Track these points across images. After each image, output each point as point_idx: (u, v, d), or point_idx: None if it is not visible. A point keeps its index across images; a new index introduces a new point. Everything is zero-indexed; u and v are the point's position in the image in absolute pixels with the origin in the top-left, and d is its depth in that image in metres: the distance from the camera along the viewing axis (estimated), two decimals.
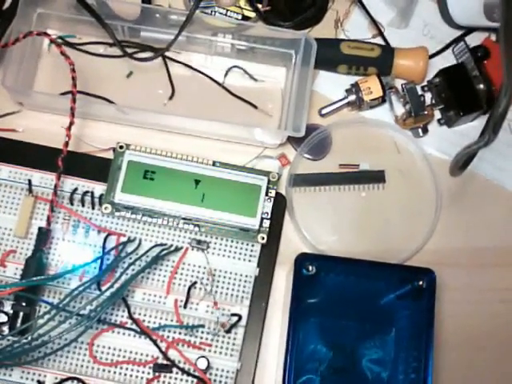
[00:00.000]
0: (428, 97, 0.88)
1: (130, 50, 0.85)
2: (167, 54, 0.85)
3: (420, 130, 0.87)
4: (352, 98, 0.87)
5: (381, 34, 0.90)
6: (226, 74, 0.87)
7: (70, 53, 0.78)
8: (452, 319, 0.82)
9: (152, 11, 0.84)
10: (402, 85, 0.86)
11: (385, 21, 0.91)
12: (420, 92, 0.87)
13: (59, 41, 0.82)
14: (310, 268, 0.74)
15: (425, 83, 0.89)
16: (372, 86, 0.86)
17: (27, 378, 0.75)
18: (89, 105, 0.82)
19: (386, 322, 0.75)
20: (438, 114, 0.88)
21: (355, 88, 0.87)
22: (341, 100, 0.88)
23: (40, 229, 0.77)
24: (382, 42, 0.90)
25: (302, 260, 0.75)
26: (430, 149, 0.87)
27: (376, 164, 0.85)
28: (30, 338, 0.71)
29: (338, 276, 0.76)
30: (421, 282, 0.75)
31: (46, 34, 0.79)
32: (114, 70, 0.86)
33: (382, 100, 0.87)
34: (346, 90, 0.87)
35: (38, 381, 0.75)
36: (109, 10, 0.83)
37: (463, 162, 0.72)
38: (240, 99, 0.87)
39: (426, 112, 0.86)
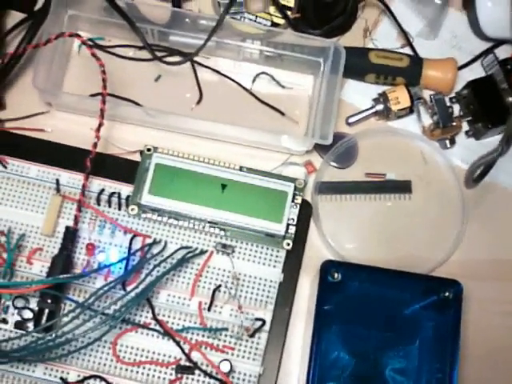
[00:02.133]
0: (456, 108, 0.87)
1: (158, 54, 0.85)
2: (196, 58, 0.85)
3: (447, 142, 0.87)
4: (380, 107, 0.87)
5: (409, 44, 0.90)
6: (253, 80, 0.88)
7: (99, 55, 0.78)
8: (477, 331, 0.81)
9: (182, 15, 0.84)
10: (430, 96, 0.86)
11: (413, 31, 0.91)
12: (448, 103, 0.86)
13: (89, 43, 0.82)
14: (336, 275, 0.74)
15: (453, 94, 0.88)
16: (400, 96, 0.86)
17: (50, 375, 0.75)
18: (117, 107, 0.82)
19: (410, 332, 0.75)
20: (465, 126, 0.88)
21: (383, 97, 0.86)
22: (368, 109, 0.87)
23: (67, 228, 0.77)
24: (410, 52, 0.90)
25: (327, 267, 0.74)
26: (457, 160, 0.87)
27: (402, 174, 0.85)
28: (54, 335, 0.71)
29: (363, 284, 0.75)
30: (447, 294, 0.74)
31: (77, 36, 0.79)
32: (142, 73, 0.87)
33: (410, 110, 0.87)
34: (374, 100, 0.87)
35: (61, 377, 0.75)
36: (139, 13, 0.84)
37: (478, 174, 0.72)
38: (267, 105, 0.87)
39: (453, 123, 0.85)
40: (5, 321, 0.75)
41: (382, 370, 0.74)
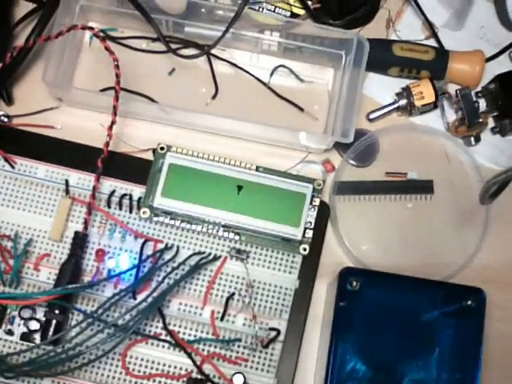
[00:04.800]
0: (482, 103, 0.84)
1: (173, 46, 0.82)
2: (211, 50, 0.82)
3: (472, 139, 0.84)
4: (403, 102, 0.83)
5: (434, 35, 0.86)
6: (271, 74, 0.84)
7: (111, 47, 0.75)
8: (499, 339, 0.78)
9: (198, 6, 0.81)
10: (456, 90, 0.82)
11: (439, 22, 0.87)
12: (474, 98, 0.83)
13: (102, 35, 0.79)
14: (355, 284, 0.71)
15: (479, 89, 0.85)
16: (424, 91, 0.83)
17: None
18: (129, 103, 0.79)
19: (430, 341, 0.72)
20: (491, 122, 0.85)
21: (406, 92, 0.83)
22: (390, 104, 0.84)
23: (77, 233, 0.74)
24: (434, 44, 0.86)
25: (346, 275, 0.72)
26: (481, 159, 0.84)
27: (424, 173, 0.82)
28: (61, 347, 0.70)
29: (382, 292, 0.73)
30: (469, 302, 0.72)
31: (90, 28, 0.76)
32: (155, 67, 0.84)
33: (434, 106, 0.83)
34: (397, 94, 0.84)
35: None
36: (153, 4, 0.80)
37: (494, 190, 0.69)
38: (285, 100, 0.84)
39: (480, 120, 0.82)
40: (11, 332, 0.73)
41: (401, 380, 0.72)
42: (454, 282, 0.76)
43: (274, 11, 0.84)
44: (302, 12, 0.85)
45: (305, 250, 0.76)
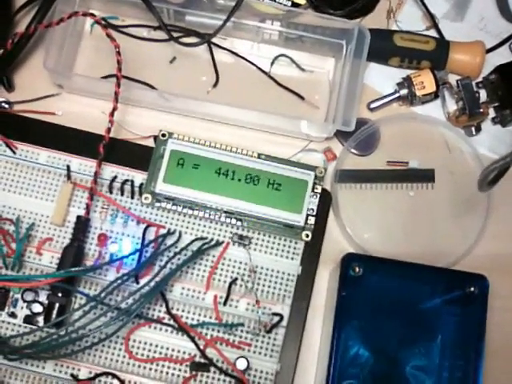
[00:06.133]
0: (482, 94, 0.84)
1: (174, 35, 0.82)
2: (212, 39, 0.82)
3: (473, 129, 0.84)
4: (403, 92, 0.83)
5: (435, 26, 0.86)
6: (272, 63, 0.84)
7: (113, 35, 0.75)
8: (500, 327, 0.78)
9: None
10: (456, 80, 0.83)
11: (439, 12, 0.87)
12: (475, 88, 0.83)
13: (103, 22, 0.79)
14: (357, 269, 0.71)
15: (479, 79, 0.85)
16: (425, 81, 0.83)
17: (60, 371, 0.73)
18: (130, 90, 0.79)
19: (432, 327, 0.72)
20: (492, 113, 0.85)
21: (407, 82, 0.83)
22: (391, 94, 0.84)
23: (79, 217, 0.74)
24: (435, 35, 0.86)
25: (349, 260, 0.72)
26: (482, 148, 0.84)
27: (425, 162, 0.82)
28: (65, 330, 0.69)
29: (385, 278, 0.73)
30: (472, 289, 0.71)
31: (91, 15, 0.76)
32: (156, 55, 0.84)
33: (435, 96, 0.83)
34: (398, 84, 0.84)
35: (72, 374, 0.73)
36: None
37: (492, 177, 0.69)
38: (286, 89, 0.84)
39: (481, 110, 0.82)
40: (14, 315, 0.73)
41: (403, 367, 0.71)
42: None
43: (275, 0, 0.84)
44: (303, 1, 0.84)
45: (307, 236, 0.76)
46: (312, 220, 0.76)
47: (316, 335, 0.77)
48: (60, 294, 0.71)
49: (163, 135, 0.77)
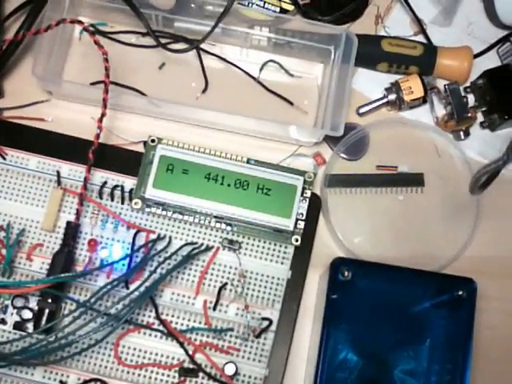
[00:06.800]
0: (470, 99, 0.84)
1: (163, 41, 0.82)
2: (201, 45, 0.82)
3: (461, 133, 0.84)
4: (392, 97, 0.84)
5: (423, 31, 0.87)
6: (261, 69, 0.85)
7: (101, 41, 0.75)
8: (489, 331, 0.79)
9: (187, 1, 0.81)
10: (444, 85, 0.83)
11: (427, 18, 0.88)
12: (463, 93, 0.83)
13: (92, 29, 0.79)
14: (346, 273, 0.71)
15: (467, 84, 0.85)
16: (413, 86, 0.83)
17: (49, 378, 0.73)
18: (119, 96, 0.79)
19: (421, 331, 0.72)
20: (480, 117, 0.85)
21: (395, 87, 0.84)
22: (380, 99, 0.85)
23: (69, 223, 0.74)
24: (423, 40, 0.87)
25: (338, 264, 0.72)
26: (471, 153, 0.84)
27: (415, 167, 0.82)
28: (54, 336, 0.69)
29: (374, 282, 0.73)
30: (460, 292, 0.72)
31: (79, 22, 0.76)
32: (145, 61, 0.84)
33: (423, 100, 0.84)
34: (386, 89, 0.84)
35: (61, 381, 0.73)
36: None
37: (484, 181, 0.70)
38: (275, 95, 0.84)
39: (469, 114, 0.82)
40: (4, 321, 0.73)
41: (391, 371, 0.71)
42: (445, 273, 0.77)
43: (263, 7, 0.84)
44: (291, 7, 0.85)
45: (297, 240, 0.76)
46: (301, 224, 0.76)
47: (305, 340, 0.77)
48: (50, 300, 0.71)
49: (152, 141, 0.77)
